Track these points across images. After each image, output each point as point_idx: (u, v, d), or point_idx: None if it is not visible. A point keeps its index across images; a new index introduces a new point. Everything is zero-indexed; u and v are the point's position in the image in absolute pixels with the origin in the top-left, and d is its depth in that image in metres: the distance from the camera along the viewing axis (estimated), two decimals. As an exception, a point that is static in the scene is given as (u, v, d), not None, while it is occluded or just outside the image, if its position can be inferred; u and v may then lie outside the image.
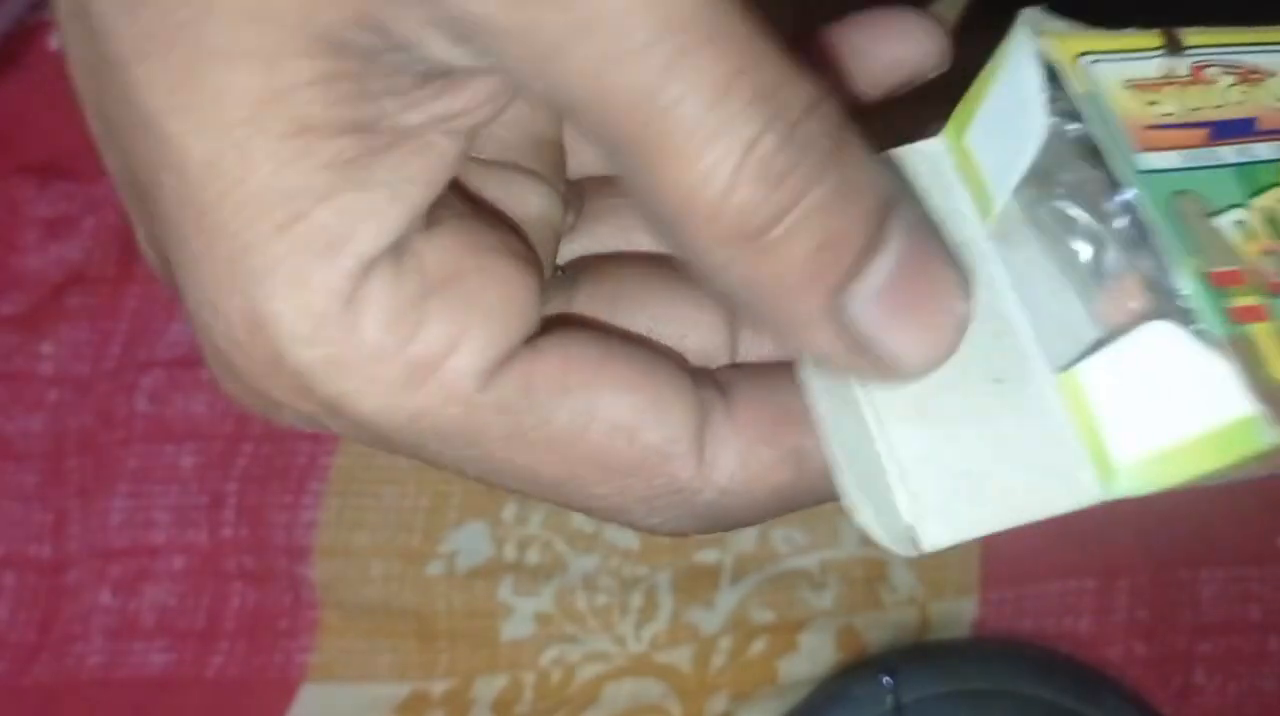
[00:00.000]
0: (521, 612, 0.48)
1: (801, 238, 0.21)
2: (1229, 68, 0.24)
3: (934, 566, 0.47)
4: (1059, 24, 0.24)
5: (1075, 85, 0.23)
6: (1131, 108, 0.23)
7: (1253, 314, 0.22)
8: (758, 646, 0.47)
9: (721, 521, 0.25)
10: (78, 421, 0.51)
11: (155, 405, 0.50)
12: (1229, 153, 0.24)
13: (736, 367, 0.26)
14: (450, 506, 0.49)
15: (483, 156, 0.25)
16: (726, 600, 0.48)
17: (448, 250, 0.23)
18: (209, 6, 0.21)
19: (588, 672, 0.47)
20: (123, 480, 0.50)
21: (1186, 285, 0.22)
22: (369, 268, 0.22)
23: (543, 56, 0.20)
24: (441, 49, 0.21)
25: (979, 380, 0.24)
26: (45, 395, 0.51)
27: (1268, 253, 0.23)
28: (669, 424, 0.24)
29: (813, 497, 0.25)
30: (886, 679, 0.44)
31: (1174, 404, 0.22)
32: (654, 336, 0.26)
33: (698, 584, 0.48)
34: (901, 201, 0.22)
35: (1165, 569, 0.47)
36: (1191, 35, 0.25)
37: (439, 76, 0.22)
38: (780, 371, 0.25)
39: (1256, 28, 0.25)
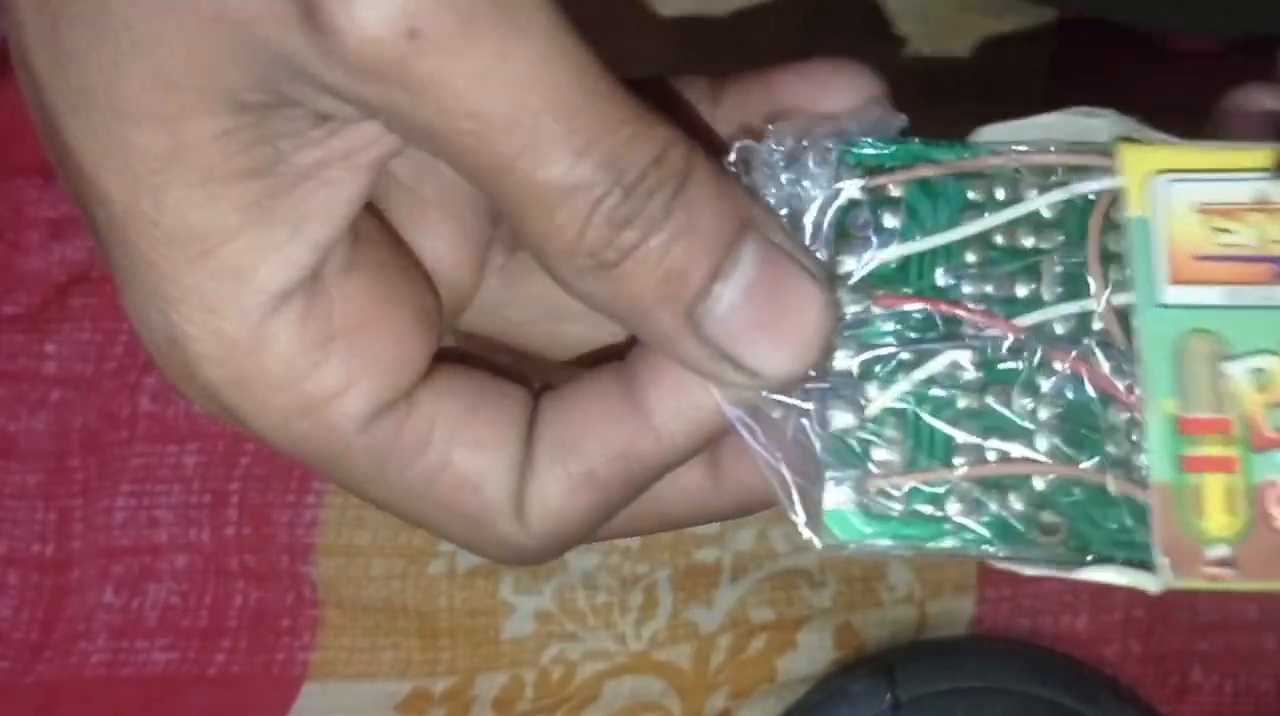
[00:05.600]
0: (522, 610, 0.48)
1: (647, 269, 0.24)
2: None
3: (932, 566, 0.48)
4: (1151, 134, 0.23)
5: (1129, 209, 0.23)
6: (1190, 234, 0.22)
7: (1214, 464, 0.22)
8: (757, 644, 0.47)
9: (551, 554, 0.27)
10: (81, 421, 0.51)
11: (158, 405, 0.51)
12: None
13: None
14: (451, 505, 0.49)
15: (425, 192, 0.28)
16: (726, 598, 0.48)
17: (357, 298, 0.26)
18: (120, 73, 0.24)
19: (588, 670, 0.48)
20: (126, 479, 0.50)
21: (1153, 425, 0.22)
22: (281, 301, 0.25)
23: (421, 130, 0.24)
24: (330, 106, 0.24)
25: None
26: (48, 394, 0.51)
27: (1276, 405, 0.22)
28: (507, 483, 0.26)
29: (625, 502, 0.27)
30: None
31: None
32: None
33: (697, 582, 0.48)
34: (757, 226, 0.25)
35: (1162, 567, 0.47)
36: None
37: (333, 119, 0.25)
38: (568, 397, 0.27)
39: None
